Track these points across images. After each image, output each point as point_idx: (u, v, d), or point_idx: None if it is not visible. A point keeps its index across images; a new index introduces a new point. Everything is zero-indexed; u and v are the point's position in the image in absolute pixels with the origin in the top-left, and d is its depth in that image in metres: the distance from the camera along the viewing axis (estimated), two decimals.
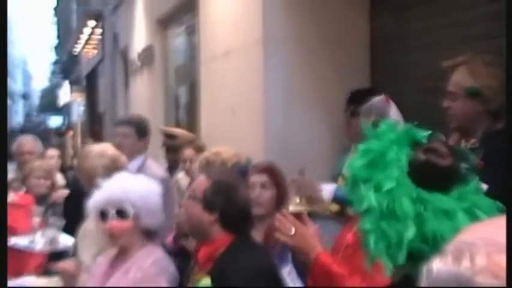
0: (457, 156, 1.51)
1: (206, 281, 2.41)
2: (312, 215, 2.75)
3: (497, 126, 2.59)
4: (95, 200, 2.65)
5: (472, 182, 1.49)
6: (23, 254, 3.92)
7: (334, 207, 3.64)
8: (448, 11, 3.69)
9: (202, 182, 2.55)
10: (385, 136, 1.55)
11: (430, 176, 1.47)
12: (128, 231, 2.61)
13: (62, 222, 4.36)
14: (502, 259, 0.78)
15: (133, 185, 2.67)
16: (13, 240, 3.82)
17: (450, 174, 1.48)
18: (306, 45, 4.47)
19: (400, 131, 1.56)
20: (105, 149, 3.50)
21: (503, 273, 0.77)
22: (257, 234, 2.81)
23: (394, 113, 3.28)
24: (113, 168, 3.24)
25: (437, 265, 0.82)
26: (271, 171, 3.11)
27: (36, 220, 3.98)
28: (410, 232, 1.41)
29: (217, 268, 2.40)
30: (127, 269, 2.59)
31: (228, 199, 2.45)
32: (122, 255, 2.68)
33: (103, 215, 2.62)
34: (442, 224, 1.41)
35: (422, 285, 0.83)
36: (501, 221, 0.86)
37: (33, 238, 3.86)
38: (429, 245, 1.41)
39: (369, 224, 1.47)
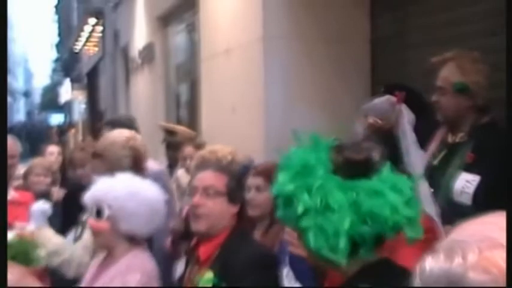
0: (366, 150, 1.62)
1: (208, 275, 2.40)
2: None
3: (484, 120, 2.68)
4: (87, 194, 2.58)
5: (386, 167, 1.60)
6: None
7: None
8: (448, 8, 3.69)
9: (216, 176, 2.55)
10: (302, 147, 1.66)
11: (351, 169, 1.56)
12: (104, 232, 2.51)
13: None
14: (494, 255, 0.78)
15: (115, 186, 2.54)
16: None
17: (367, 164, 1.58)
18: (306, 42, 4.46)
19: (314, 140, 1.66)
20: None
21: (495, 269, 0.76)
22: (254, 236, 2.81)
23: (404, 113, 3.11)
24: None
25: (430, 263, 0.82)
26: (267, 174, 3.02)
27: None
28: (347, 221, 1.49)
29: (220, 262, 2.41)
30: (111, 278, 2.47)
31: (243, 190, 2.64)
32: (109, 258, 2.58)
33: (89, 210, 2.58)
34: (376, 202, 1.51)
35: (416, 284, 0.83)
36: (490, 218, 0.86)
37: None
38: (369, 224, 1.50)
39: (305, 222, 1.52)
